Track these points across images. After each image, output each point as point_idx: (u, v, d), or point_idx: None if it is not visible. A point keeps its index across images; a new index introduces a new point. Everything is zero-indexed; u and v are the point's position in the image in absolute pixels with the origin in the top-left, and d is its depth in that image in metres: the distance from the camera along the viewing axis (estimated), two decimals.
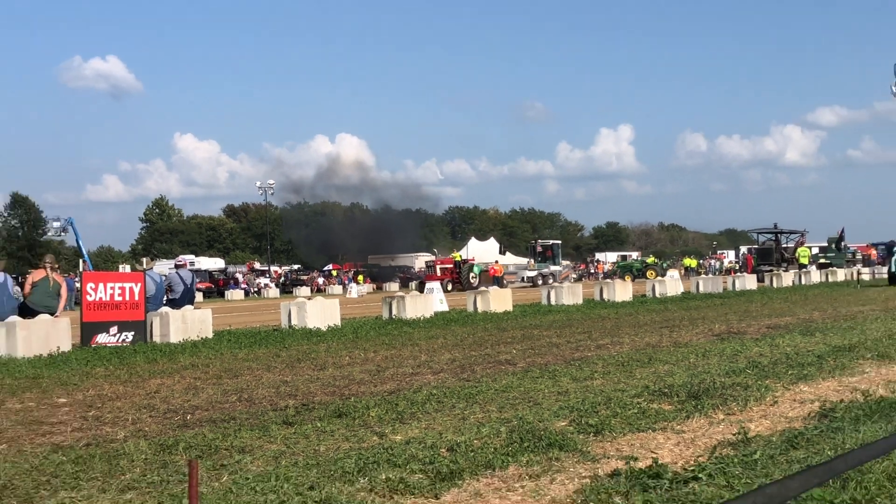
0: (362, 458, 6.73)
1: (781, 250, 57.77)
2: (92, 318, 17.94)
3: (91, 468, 6.85)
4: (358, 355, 15.19)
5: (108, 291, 18.25)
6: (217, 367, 13.96)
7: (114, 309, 18.20)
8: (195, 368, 13.95)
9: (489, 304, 26.62)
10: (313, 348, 16.69)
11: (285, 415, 9.10)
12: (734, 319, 21.12)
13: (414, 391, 10.45)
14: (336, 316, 22.08)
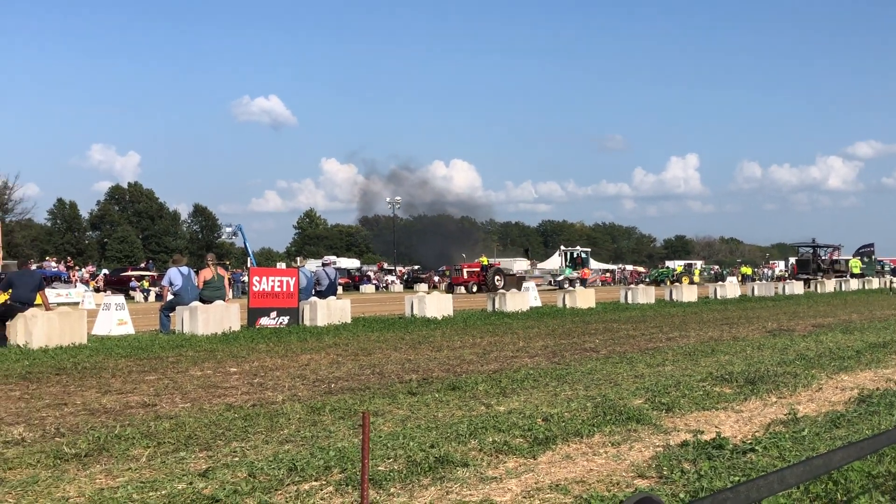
0: (473, 423, 6.74)
1: (818, 261, 56.02)
2: (256, 304, 18.32)
3: (256, 424, 7.00)
4: (467, 340, 15.20)
5: (269, 284, 18.62)
6: (354, 347, 14.12)
7: (273, 298, 18.57)
8: (337, 347, 14.13)
9: (576, 301, 26.38)
10: (431, 333, 16.76)
11: (409, 386, 9.16)
12: (784, 319, 20.53)
13: (514, 371, 10.42)
14: (449, 308, 22.14)
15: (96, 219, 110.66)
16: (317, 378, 10.18)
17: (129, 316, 18.32)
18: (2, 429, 7.02)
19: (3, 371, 10.99)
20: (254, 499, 4.70)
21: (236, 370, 11.10)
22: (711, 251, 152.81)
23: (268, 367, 11.34)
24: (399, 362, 11.74)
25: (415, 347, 13.89)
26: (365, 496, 2.80)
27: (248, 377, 10.37)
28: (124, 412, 7.87)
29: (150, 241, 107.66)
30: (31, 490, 4.98)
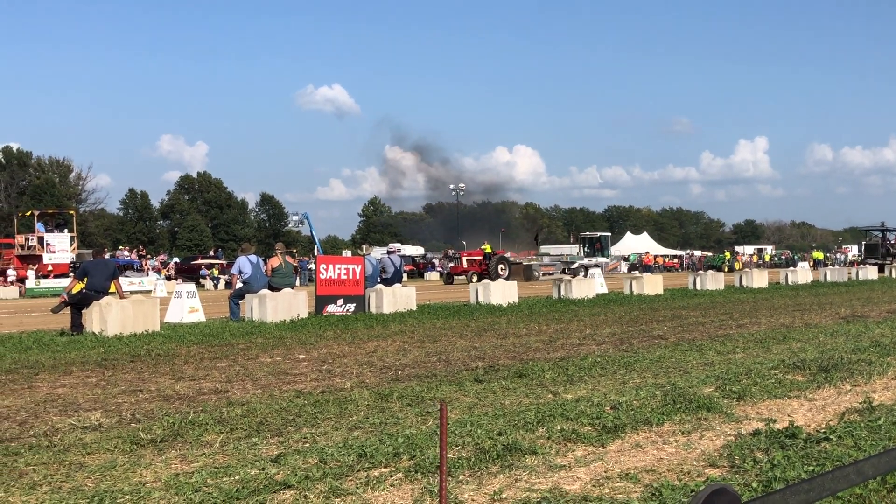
0: (540, 411, 6.73)
1: (888, 245, 54.38)
2: (323, 292, 18.53)
3: (326, 410, 7.09)
4: (533, 327, 15.17)
5: (336, 271, 18.82)
6: (420, 334, 14.20)
7: (340, 285, 18.76)
8: (403, 334, 14.22)
9: (643, 288, 26.12)
10: (496, 321, 16.76)
11: (476, 374, 9.19)
12: (858, 305, 20.05)
13: (581, 358, 10.37)
14: (514, 295, 22.11)
15: (167, 208, 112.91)
16: (384, 365, 10.26)
17: (200, 303, 18.67)
18: (80, 414, 7.23)
19: (80, 358, 11.31)
20: (325, 485, 4.76)
21: (305, 357, 11.24)
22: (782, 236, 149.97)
23: (335, 354, 11.47)
24: (465, 350, 11.77)
25: (480, 335, 13.91)
26: (443, 486, 2.82)
27: (317, 364, 10.50)
28: (197, 398, 8.04)
29: (219, 230, 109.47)
30: (109, 475, 5.12)
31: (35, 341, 13.18)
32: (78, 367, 10.47)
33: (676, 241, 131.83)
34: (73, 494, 4.68)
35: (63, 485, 4.92)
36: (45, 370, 10.18)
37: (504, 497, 4.61)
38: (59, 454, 5.68)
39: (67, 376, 9.67)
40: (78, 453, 5.69)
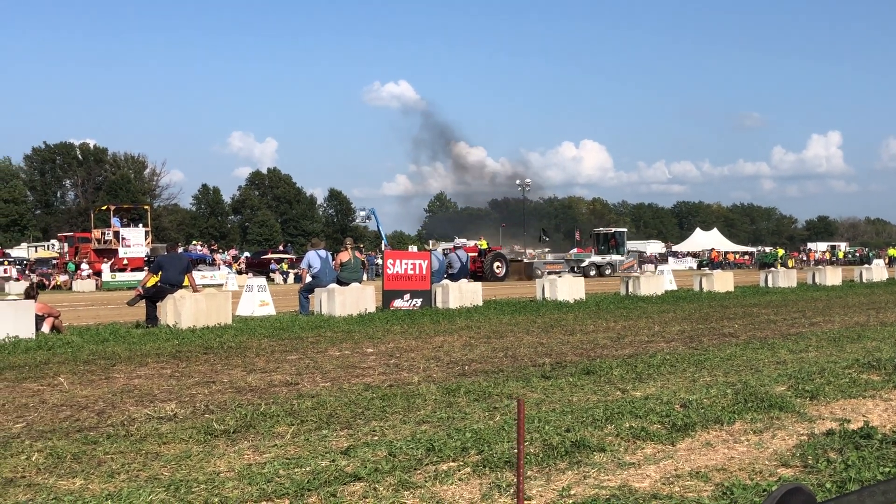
0: (608, 408, 6.68)
1: None
2: (391, 286, 18.67)
3: (394, 404, 7.15)
4: (600, 324, 15.07)
5: (402, 266, 18.94)
6: (486, 329, 14.21)
7: (407, 280, 18.87)
8: (469, 329, 14.25)
9: (713, 285, 25.75)
10: (563, 317, 16.69)
11: (543, 370, 9.16)
12: None
13: (650, 356, 10.27)
14: (581, 291, 21.97)
15: (238, 203, 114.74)
16: (450, 360, 10.30)
17: (270, 297, 18.95)
18: (156, 405, 7.41)
19: (155, 350, 11.58)
20: (394, 477, 4.81)
21: (372, 351, 11.34)
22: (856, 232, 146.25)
23: (402, 349, 11.55)
24: (531, 346, 11.74)
25: (547, 331, 13.86)
26: (520, 482, 2.83)
27: (384, 358, 10.59)
28: (268, 390, 8.17)
29: (288, 225, 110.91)
30: (184, 464, 5.24)
31: (112, 333, 13.53)
32: (153, 358, 10.73)
33: (747, 238, 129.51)
34: (149, 483, 4.80)
35: (140, 473, 5.05)
36: (121, 361, 10.46)
37: (573, 494, 4.60)
38: (136, 443, 5.83)
39: (143, 367, 9.92)
40: (154, 443, 5.83)
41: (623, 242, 53.65)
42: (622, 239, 53.78)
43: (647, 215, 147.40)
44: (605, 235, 54.27)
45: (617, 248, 53.15)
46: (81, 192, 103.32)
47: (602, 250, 53.39)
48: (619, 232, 54.47)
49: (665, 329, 14.00)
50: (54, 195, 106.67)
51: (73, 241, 55.37)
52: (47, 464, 5.29)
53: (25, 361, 10.40)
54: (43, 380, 8.99)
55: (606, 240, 53.82)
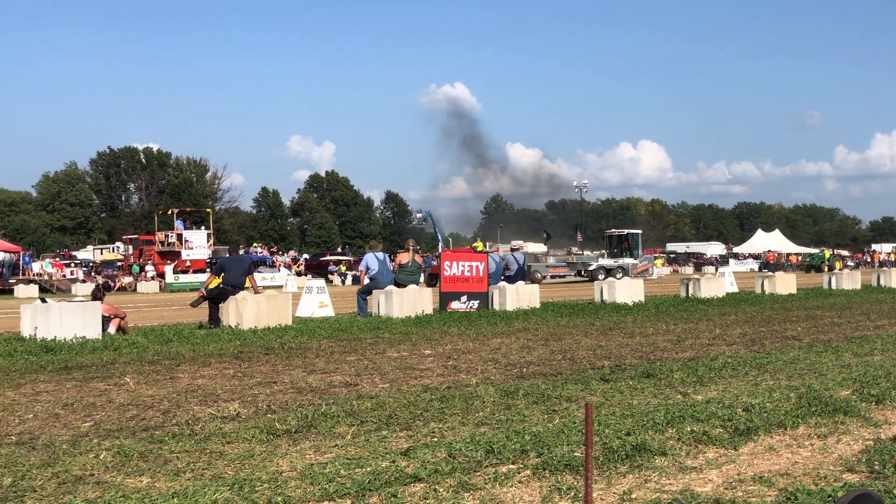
0: (669, 412, 6.62)
1: None
2: (448, 288, 18.71)
3: (452, 406, 7.17)
4: (660, 327, 14.91)
5: (459, 268, 18.97)
6: (544, 332, 14.15)
7: (464, 282, 18.89)
8: (527, 332, 14.21)
9: (775, 287, 25.34)
10: (622, 319, 16.55)
11: (602, 373, 9.10)
12: None
13: (711, 359, 10.14)
14: (640, 293, 21.77)
15: (296, 206, 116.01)
16: (508, 362, 10.28)
17: (329, 299, 19.13)
18: (219, 405, 7.53)
19: (218, 350, 11.77)
20: (454, 479, 4.82)
21: (430, 353, 11.38)
22: None
23: (460, 351, 11.56)
24: (590, 348, 11.67)
25: (605, 333, 13.77)
26: (589, 486, 2.83)
27: (442, 360, 10.61)
28: (329, 391, 8.25)
29: (346, 227, 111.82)
30: (247, 463, 5.32)
31: (175, 334, 13.78)
32: (216, 358, 10.90)
33: (810, 239, 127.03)
34: (214, 481, 4.88)
35: (205, 472, 5.14)
36: (185, 361, 10.65)
37: (634, 497, 4.57)
38: (201, 442, 5.93)
39: (206, 368, 10.09)
40: (218, 442, 5.93)
41: (637, 245, 50.31)
42: (636, 241, 50.42)
43: (707, 216, 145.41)
44: (619, 237, 50.77)
45: (630, 250, 49.76)
46: (145, 195, 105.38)
47: (615, 253, 50.22)
48: (633, 234, 51.12)
49: (726, 332, 13.81)
50: (119, 198, 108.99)
51: (138, 244, 56.54)
52: (115, 462, 5.41)
53: (93, 361, 10.65)
54: (110, 379, 9.19)
55: (619, 242, 50.42)
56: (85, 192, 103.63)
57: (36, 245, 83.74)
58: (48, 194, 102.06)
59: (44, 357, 11.09)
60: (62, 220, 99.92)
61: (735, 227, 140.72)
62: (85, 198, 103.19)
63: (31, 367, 10.17)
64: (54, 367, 10.20)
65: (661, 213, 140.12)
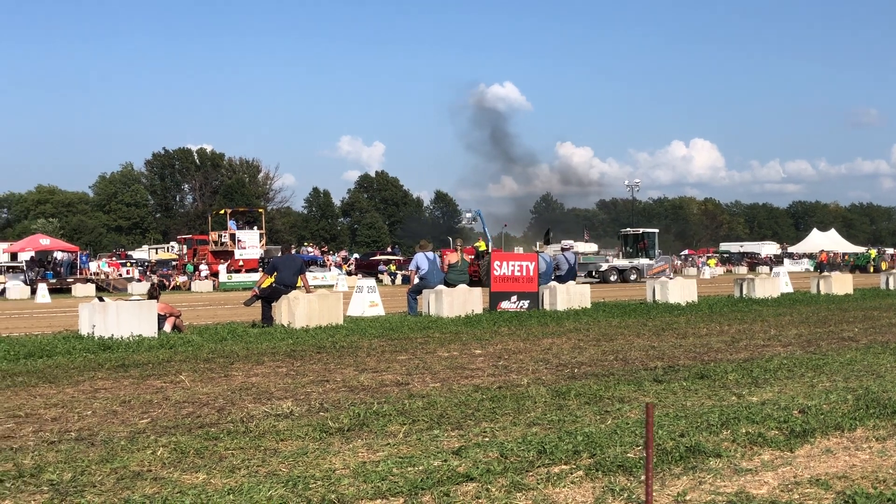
0: (724, 413, 6.54)
1: None
2: (498, 288, 18.69)
3: (504, 406, 7.16)
4: (714, 327, 14.73)
5: (509, 268, 18.94)
6: (595, 332, 14.07)
7: (514, 282, 18.86)
8: (578, 332, 14.14)
9: (831, 287, 24.91)
10: (674, 320, 16.38)
11: (655, 374, 9.03)
12: None
13: (766, 360, 9.99)
14: (693, 293, 21.54)
15: (347, 206, 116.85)
16: (559, 362, 10.24)
17: (380, 298, 19.22)
18: (273, 402, 7.61)
19: (271, 349, 11.90)
20: (506, 479, 4.82)
21: (481, 352, 11.38)
22: None
23: (511, 351, 11.55)
24: (642, 349, 11.58)
25: (658, 334, 13.64)
26: (649, 486, 2.81)
27: (493, 359, 10.61)
28: (380, 390, 8.30)
29: (396, 227, 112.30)
30: (301, 461, 5.37)
31: (229, 332, 13.96)
32: (269, 357, 11.03)
33: (867, 238, 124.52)
34: (268, 478, 4.94)
35: (259, 469, 5.20)
36: (239, 360, 10.78)
37: (688, 499, 4.52)
38: (255, 440, 6.00)
39: (260, 366, 10.20)
40: (272, 439, 6.00)
41: (654, 245, 46.57)
42: (653, 241, 46.70)
43: (762, 216, 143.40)
44: (634, 237, 47.15)
45: (647, 250, 46.31)
46: (199, 195, 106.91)
47: (629, 253, 47.36)
48: (650, 233, 47.42)
49: (781, 332, 13.60)
50: (174, 199, 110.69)
51: (192, 244, 57.41)
52: (172, 458, 5.50)
53: (149, 359, 10.84)
54: (166, 377, 9.35)
55: (635, 241, 46.94)
56: (140, 192, 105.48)
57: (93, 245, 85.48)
58: (105, 195, 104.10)
59: (101, 355, 11.32)
60: (118, 220, 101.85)
61: (790, 227, 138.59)
62: (140, 198, 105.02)
63: (90, 365, 10.38)
64: (112, 364, 10.41)
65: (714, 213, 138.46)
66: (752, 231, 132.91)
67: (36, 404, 7.73)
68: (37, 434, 6.42)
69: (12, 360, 11.00)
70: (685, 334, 13.52)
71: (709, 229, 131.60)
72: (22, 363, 10.71)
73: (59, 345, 12.20)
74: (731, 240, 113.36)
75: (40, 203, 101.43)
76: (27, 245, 52.12)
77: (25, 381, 9.19)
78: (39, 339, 13.15)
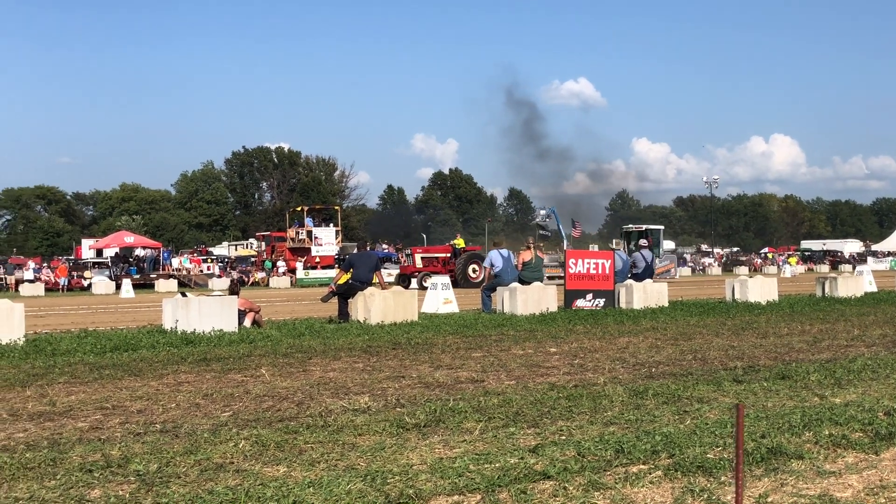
0: (806, 415, 6.40)
1: None
2: (573, 286, 18.57)
3: (580, 404, 7.12)
4: (795, 327, 14.40)
5: (585, 266, 18.80)
6: (673, 331, 13.89)
7: (589, 280, 18.72)
8: (655, 331, 13.97)
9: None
10: (754, 319, 16.06)
11: (734, 374, 8.87)
12: None
13: (849, 360, 9.73)
14: (773, 292, 21.07)
15: (421, 203, 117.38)
16: (636, 361, 10.14)
17: (454, 295, 19.28)
18: (350, 397, 7.71)
19: (347, 344, 12.04)
20: (584, 477, 4.80)
21: (556, 350, 11.33)
22: None
23: (586, 349, 11.47)
24: (721, 348, 11.38)
25: (737, 333, 13.40)
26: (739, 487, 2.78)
27: (568, 358, 10.55)
28: (455, 386, 8.33)
29: (469, 224, 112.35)
30: (378, 456, 5.43)
31: (307, 328, 14.17)
32: (346, 352, 11.16)
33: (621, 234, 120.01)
34: (347, 472, 5.00)
35: (338, 463, 5.28)
36: (316, 355, 10.94)
37: (770, 501, 4.44)
38: (333, 434, 6.08)
39: (337, 361, 10.34)
40: (350, 434, 6.07)
41: (659, 242, 43.38)
42: (658, 238, 43.35)
43: (844, 213, 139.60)
44: (638, 234, 43.33)
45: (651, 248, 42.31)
46: (277, 193, 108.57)
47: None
48: (654, 229, 44.30)
49: (865, 333, 13.22)
50: (252, 196, 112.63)
51: (270, 240, 58.36)
52: (253, 451, 5.61)
53: (230, 353, 11.07)
54: (246, 371, 9.54)
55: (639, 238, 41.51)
56: (220, 190, 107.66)
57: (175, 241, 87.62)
58: (186, 193, 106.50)
59: (184, 349, 11.61)
60: (199, 217, 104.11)
61: (873, 224, 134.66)
62: (220, 196, 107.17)
63: (173, 359, 10.65)
64: (194, 358, 10.66)
65: (795, 210, 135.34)
66: (835, 229, 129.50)
67: (122, 397, 7.96)
68: (123, 426, 6.62)
69: (99, 353, 11.35)
70: (765, 334, 13.25)
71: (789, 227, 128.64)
72: (108, 356, 11.05)
73: (143, 339, 12.55)
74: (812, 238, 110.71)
75: (124, 200, 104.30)
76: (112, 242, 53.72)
77: (112, 374, 9.48)
78: (125, 334, 13.54)
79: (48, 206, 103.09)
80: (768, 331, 13.75)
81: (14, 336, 12.16)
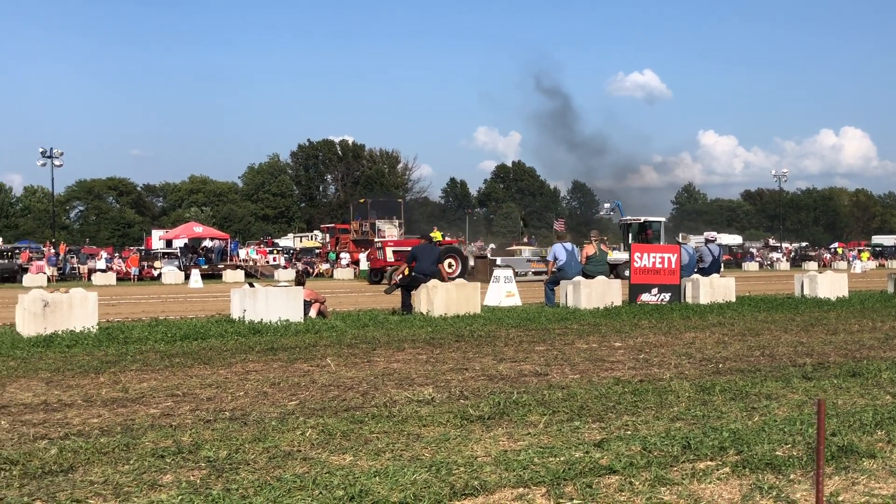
0: (878, 413, 6.26)
1: None
2: (638, 280, 18.38)
3: (645, 400, 7.05)
4: (866, 324, 14.06)
5: (650, 260, 18.60)
6: (740, 326, 13.67)
7: (654, 274, 18.51)
8: (722, 326, 13.76)
9: None
10: (824, 315, 15.73)
11: (804, 370, 8.70)
12: None
13: None
14: (844, 288, 20.60)
15: (483, 196, 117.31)
16: (703, 357, 10.01)
17: (516, 288, 19.24)
18: (414, 388, 7.75)
19: (411, 336, 12.11)
20: (650, 473, 4.76)
21: (620, 345, 11.24)
22: None
23: (651, 344, 11.35)
24: (790, 344, 11.17)
25: (807, 329, 13.13)
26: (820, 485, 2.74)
27: (633, 352, 10.46)
28: (519, 379, 8.33)
29: (532, 217, 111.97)
30: (443, 447, 5.46)
31: (371, 319, 14.28)
32: (409, 344, 11.23)
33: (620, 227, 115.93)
34: (412, 463, 5.04)
35: (403, 453, 5.32)
36: (380, 346, 11.02)
37: (841, 500, 4.36)
38: (398, 424, 6.13)
39: (400, 352, 10.40)
40: (414, 424, 6.11)
41: (660, 235, 39.70)
42: (659, 231, 39.95)
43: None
44: (637, 226, 39.85)
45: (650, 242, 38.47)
46: (341, 185, 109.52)
47: None
48: (655, 222, 40.52)
49: None
50: (317, 189, 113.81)
51: (334, 232, 58.89)
52: (320, 440, 5.68)
53: (296, 343, 11.22)
54: (312, 361, 9.66)
55: (638, 232, 39.44)
56: (286, 182, 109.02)
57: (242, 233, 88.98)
58: (253, 185, 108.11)
59: (252, 338, 11.80)
60: (265, 209, 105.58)
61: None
62: (286, 188, 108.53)
63: (241, 348, 10.84)
64: (261, 347, 10.83)
65: (866, 204, 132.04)
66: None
67: (192, 384, 8.12)
68: (194, 413, 6.75)
69: (169, 341, 11.60)
70: (835, 330, 12.96)
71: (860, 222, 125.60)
72: (178, 345, 11.28)
73: (212, 328, 12.79)
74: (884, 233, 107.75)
75: (193, 192, 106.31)
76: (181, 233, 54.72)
77: (182, 362, 9.68)
78: (194, 323, 13.81)
79: (119, 197, 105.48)
80: (838, 327, 13.45)
81: (88, 324, 12.49)
